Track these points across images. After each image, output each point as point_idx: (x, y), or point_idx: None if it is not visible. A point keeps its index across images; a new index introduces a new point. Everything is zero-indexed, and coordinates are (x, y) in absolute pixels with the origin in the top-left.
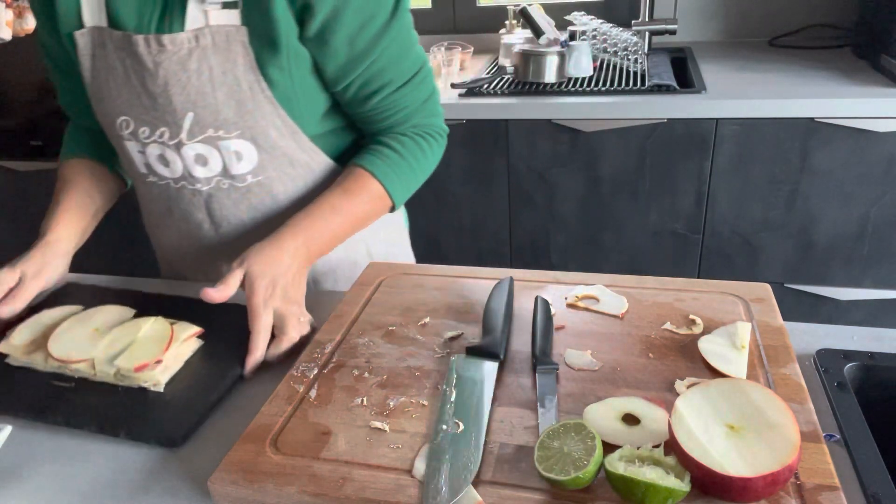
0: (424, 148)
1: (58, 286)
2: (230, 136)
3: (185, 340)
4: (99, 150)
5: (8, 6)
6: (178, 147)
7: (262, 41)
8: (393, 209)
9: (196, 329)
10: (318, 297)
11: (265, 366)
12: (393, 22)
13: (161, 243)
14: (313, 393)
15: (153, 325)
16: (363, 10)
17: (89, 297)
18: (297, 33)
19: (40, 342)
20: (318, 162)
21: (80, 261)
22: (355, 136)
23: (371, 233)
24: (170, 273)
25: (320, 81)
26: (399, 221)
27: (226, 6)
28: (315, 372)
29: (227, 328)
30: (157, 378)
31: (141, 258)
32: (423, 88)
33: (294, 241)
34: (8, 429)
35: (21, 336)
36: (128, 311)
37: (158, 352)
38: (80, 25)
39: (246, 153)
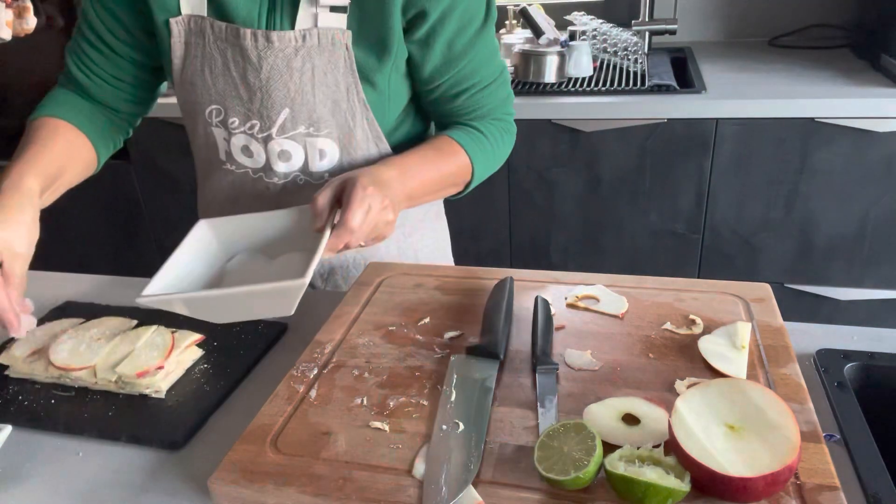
0: (505, 136)
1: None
2: (319, 134)
3: (187, 348)
4: (86, 121)
5: (8, 6)
6: (265, 140)
7: (371, 46)
8: (467, 187)
9: (197, 336)
10: (318, 297)
11: (265, 365)
12: (485, 26)
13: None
14: (313, 393)
15: (154, 334)
16: (464, 14)
17: (89, 315)
18: (402, 37)
19: (40, 353)
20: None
21: (81, 261)
22: (419, 129)
23: (419, 237)
24: None
25: (408, 82)
26: (443, 228)
27: (334, 10)
28: (315, 372)
29: (227, 337)
30: (159, 384)
31: (141, 258)
32: (503, 88)
33: (389, 170)
34: (8, 429)
35: (21, 347)
36: (128, 322)
37: (160, 358)
38: (178, 13)
39: (329, 152)
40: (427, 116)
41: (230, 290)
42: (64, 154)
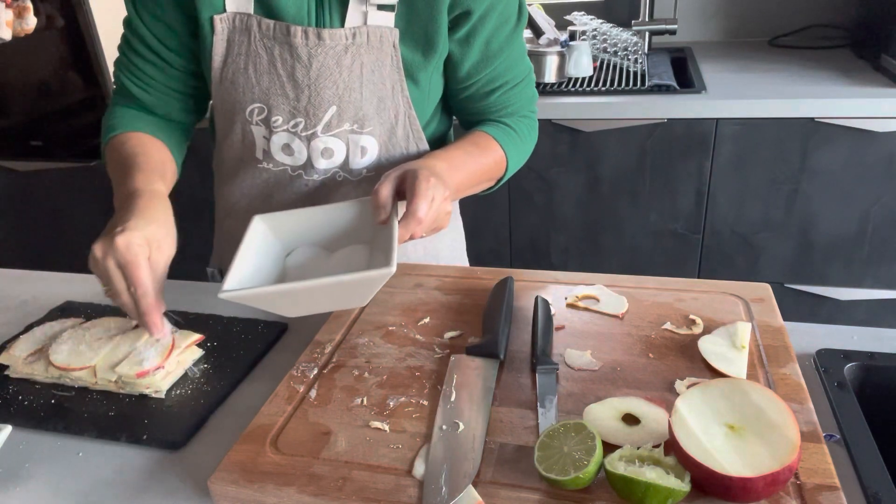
0: (532, 132)
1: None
2: (363, 131)
3: (187, 348)
4: (159, 131)
5: (8, 6)
6: (309, 138)
7: (417, 43)
8: (500, 181)
9: (197, 336)
10: None
11: (265, 365)
12: (519, 25)
13: (235, 232)
14: (313, 393)
15: None
16: (503, 14)
17: (89, 315)
18: (447, 35)
19: (40, 353)
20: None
21: (81, 261)
22: (445, 127)
23: (440, 236)
24: (228, 253)
25: (443, 80)
26: (457, 227)
27: (381, 8)
28: (315, 372)
29: (228, 338)
30: (159, 384)
31: None
32: (531, 87)
33: (438, 162)
34: (8, 429)
35: (21, 347)
36: (129, 322)
37: (160, 358)
38: (223, 10)
39: (370, 149)
40: (451, 115)
41: (319, 282)
42: (160, 160)
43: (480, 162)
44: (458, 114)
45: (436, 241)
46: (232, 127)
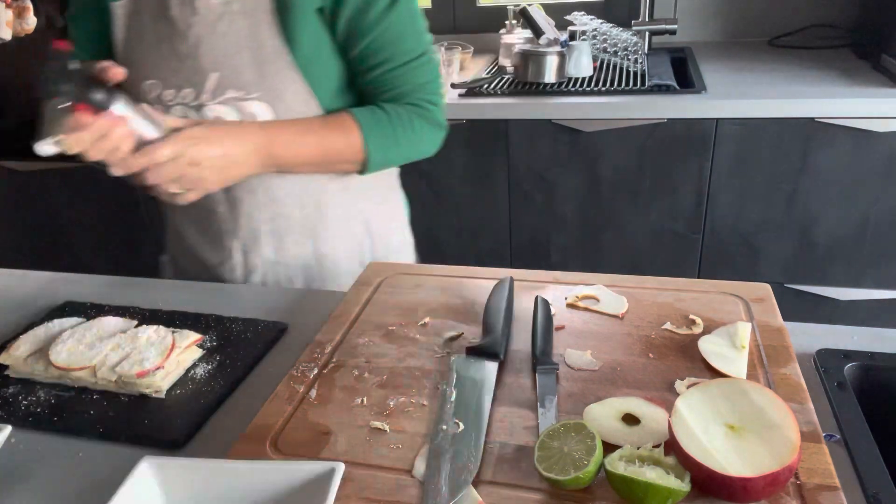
0: (416, 124)
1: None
2: (250, 97)
3: (186, 348)
4: None
5: (8, 6)
6: (199, 108)
7: (286, 8)
8: (364, 168)
9: (197, 336)
10: (318, 297)
11: (265, 365)
12: (394, 7)
13: (176, 211)
14: (313, 393)
15: (154, 334)
16: None
17: (89, 315)
18: (317, 6)
19: (41, 353)
20: None
21: (81, 261)
22: None
23: (372, 206)
24: (178, 248)
25: (335, 51)
26: (397, 199)
27: None
28: (315, 372)
29: (228, 338)
30: (159, 384)
31: (141, 258)
32: (421, 72)
33: (259, 132)
34: (8, 429)
35: (21, 348)
36: (128, 322)
37: (160, 358)
38: None
39: (261, 116)
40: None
41: None
42: None
43: (321, 142)
44: (364, 96)
45: (368, 208)
46: None
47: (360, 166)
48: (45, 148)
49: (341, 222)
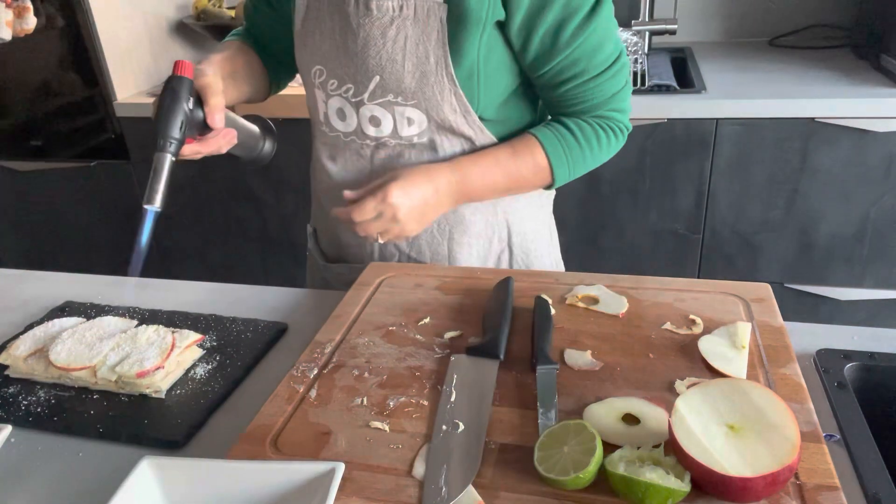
0: (602, 139)
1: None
2: (407, 103)
3: (186, 348)
4: (262, 51)
5: (8, 6)
6: (357, 105)
7: (460, 20)
8: (551, 186)
9: (197, 336)
10: (318, 297)
11: (265, 365)
12: (594, 15)
13: (319, 190)
14: (313, 393)
15: (154, 334)
16: (568, 5)
17: (89, 315)
18: (499, 18)
19: (41, 353)
20: (482, 139)
21: (81, 261)
22: (524, 129)
23: (517, 221)
24: (321, 224)
25: (514, 67)
26: (544, 218)
27: None
28: (315, 372)
29: (228, 338)
30: (159, 384)
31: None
32: (613, 83)
33: (450, 174)
34: (8, 429)
35: (21, 348)
36: (128, 322)
37: (160, 358)
38: None
39: (417, 119)
40: (536, 105)
41: None
42: (240, 60)
43: (510, 171)
44: (546, 107)
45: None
46: (307, 89)
47: (547, 187)
48: (156, 205)
49: (481, 232)
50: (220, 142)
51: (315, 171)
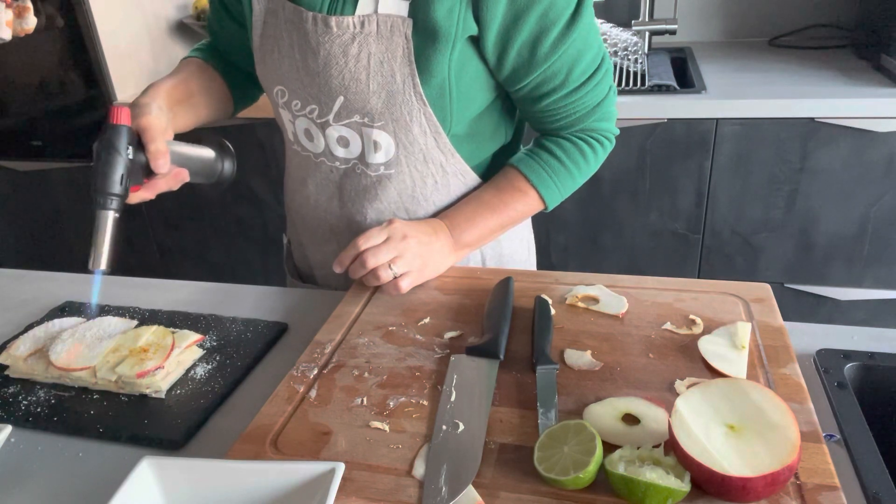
0: (587, 153)
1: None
2: (374, 125)
3: (186, 348)
4: (224, 68)
5: (8, 6)
6: (323, 126)
7: (427, 36)
8: (547, 209)
9: (197, 337)
10: (318, 297)
11: (265, 365)
12: (573, 25)
13: (292, 207)
14: (313, 393)
15: (154, 334)
16: (545, 17)
17: (88, 315)
18: (471, 33)
19: (40, 353)
20: (453, 164)
21: (81, 261)
22: (496, 148)
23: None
24: (294, 237)
25: (490, 82)
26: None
27: None
28: (315, 372)
29: (228, 338)
30: (159, 385)
31: (141, 258)
32: (595, 93)
33: (440, 221)
34: (8, 429)
35: (21, 348)
36: (128, 322)
37: (160, 358)
38: None
39: (384, 145)
40: (512, 125)
41: None
42: (194, 82)
43: (501, 215)
44: (527, 122)
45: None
46: (273, 107)
47: (542, 210)
48: (102, 267)
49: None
50: (170, 182)
51: (287, 189)
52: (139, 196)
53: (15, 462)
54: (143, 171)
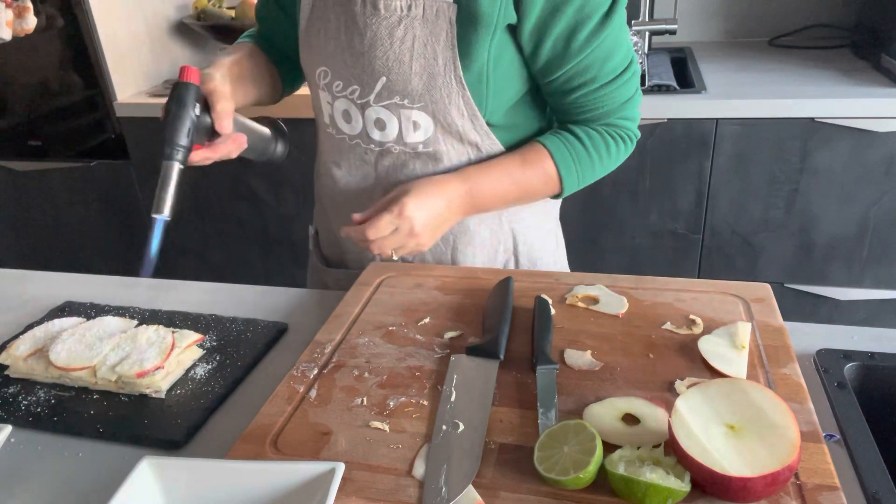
0: (611, 147)
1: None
2: (413, 106)
3: (187, 348)
4: (275, 54)
5: (8, 6)
6: (363, 107)
7: (471, 22)
8: (559, 195)
9: (197, 336)
10: (318, 297)
11: (265, 365)
12: (607, 21)
13: (323, 193)
14: (313, 393)
15: (154, 334)
16: (581, 10)
17: (89, 314)
18: (510, 21)
19: (40, 353)
20: (489, 145)
21: (81, 261)
22: (532, 135)
23: (522, 229)
24: (322, 225)
25: (524, 73)
26: (550, 227)
27: None
28: (315, 372)
29: (228, 338)
30: (159, 384)
31: (141, 258)
32: (624, 90)
33: (460, 185)
34: (8, 429)
35: (21, 347)
36: (128, 322)
37: (160, 358)
38: None
39: (423, 124)
40: (544, 111)
41: None
42: (247, 63)
43: (519, 181)
44: (555, 114)
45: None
46: (312, 89)
47: (556, 196)
48: (165, 213)
49: (485, 241)
50: (230, 147)
51: (319, 175)
52: (202, 154)
53: (15, 462)
54: (206, 133)
